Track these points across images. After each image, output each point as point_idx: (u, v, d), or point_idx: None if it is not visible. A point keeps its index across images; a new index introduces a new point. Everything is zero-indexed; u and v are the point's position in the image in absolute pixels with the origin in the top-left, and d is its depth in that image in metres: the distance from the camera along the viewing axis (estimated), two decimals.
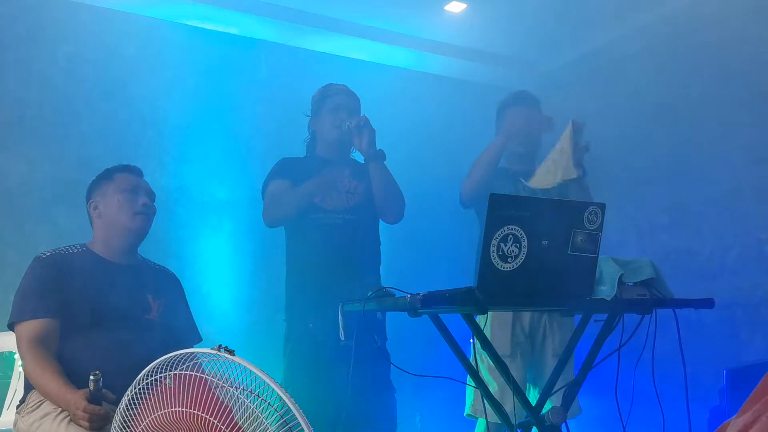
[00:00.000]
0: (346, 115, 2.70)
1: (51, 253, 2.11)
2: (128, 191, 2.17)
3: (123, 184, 2.18)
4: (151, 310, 2.15)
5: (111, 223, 2.17)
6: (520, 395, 1.80)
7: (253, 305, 3.66)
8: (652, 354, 1.78)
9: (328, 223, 2.62)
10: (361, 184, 2.72)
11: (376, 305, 1.74)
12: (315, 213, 2.63)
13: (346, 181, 2.70)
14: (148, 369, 1.56)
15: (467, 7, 3.76)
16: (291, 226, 2.72)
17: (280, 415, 1.38)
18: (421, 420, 4.01)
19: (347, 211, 2.65)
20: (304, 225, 2.64)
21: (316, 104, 2.79)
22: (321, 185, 2.63)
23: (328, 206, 2.64)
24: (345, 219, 2.64)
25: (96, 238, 2.20)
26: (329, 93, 2.77)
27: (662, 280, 1.85)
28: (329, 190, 2.65)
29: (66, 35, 3.42)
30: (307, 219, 2.63)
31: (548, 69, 4.39)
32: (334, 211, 2.64)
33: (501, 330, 2.66)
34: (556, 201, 2.12)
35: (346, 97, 2.77)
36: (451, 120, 4.41)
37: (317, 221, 2.62)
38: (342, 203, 2.66)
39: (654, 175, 3.93)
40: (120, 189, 2.18)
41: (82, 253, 2.16)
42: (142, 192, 2.20)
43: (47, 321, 1.99)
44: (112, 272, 2.14)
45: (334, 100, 2.74)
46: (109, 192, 2.18)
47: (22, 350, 1.99)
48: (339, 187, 2.68)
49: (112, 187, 2.18)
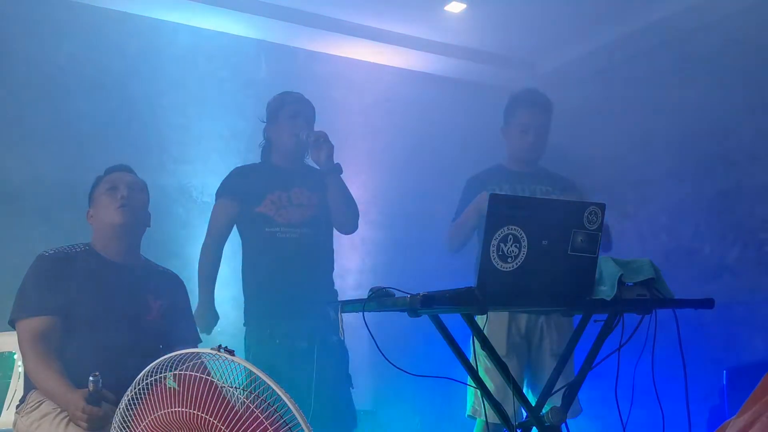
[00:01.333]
0: (303, 123, 2.75)
1: (54, 252, 2.13)
2: (109, 189, 2.21)
3: (106, 184, 2.23)
4: (151, 311, 2.16)
5: (100, 222, 2.20)
6: (519, 395, 1.80)
7: None
8: (652, 354, 1.78)
9: (283, 237, 2.67)
10: (315, 194, 2.75)
11: (376, 305, 1.73)
12: (270, 227, 2.67)
13: (299, 194, 2.73)
14: (148, 369, 1.56)
15: (467, 7, 3.75)
16: (247, 239, 2.77)
17: (280, 415, 1.38)
18: (421, 420, 4.01)
19: (302, 224, 2.69)
20: (259, 238, 2.69)
21: (272, 111, 2.83)
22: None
23: (282, 220, 2.67)
24: (300, 233, 2.68)
25: (95, 241, 2.22)
26: (286, 101, 2.81)
27: (662, 280, 1.84)
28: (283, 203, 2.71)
29: (66, 35, 3.41)
30: (262, 232, 2.67)
31: (548, 69, 4.39)
32: (288, 225, 2.67)
33: (497, 330, 2.65)
34: (556, 201, 2.12)
35: (302, 106, 2.81)
36: (450, 120, 4.41)
37: (272, 235, 2.67)
38: (296, 217, 2.69)
39: (654, 175, 3.93)
40: (104, 189, 2.22)
41: (84, 252, 2.17)
42: (122, 185, 2.21)
43: (48, 318, 2.00)
44: (113, 272, 2.15)
45: (292, 108, 2.78)
46: (96, 195, 2.23)
47: (23, 347, 1.99)
48: (293, 200, 2.71)
49: (99, 190, 2.23)
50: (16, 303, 2.04)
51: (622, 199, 4.00)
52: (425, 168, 4.29)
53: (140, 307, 2.15)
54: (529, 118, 2.87)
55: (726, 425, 1.49)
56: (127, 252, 2.22)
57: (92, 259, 2.16)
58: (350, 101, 3.84)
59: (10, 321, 2.04)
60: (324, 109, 2.99)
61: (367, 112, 4.06)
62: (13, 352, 2.55)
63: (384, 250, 3.94)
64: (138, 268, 2.24)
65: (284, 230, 2.67)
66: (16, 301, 2.04)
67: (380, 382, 3.62)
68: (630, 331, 1.77)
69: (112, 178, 2.25)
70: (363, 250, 3.76)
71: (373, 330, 1.72)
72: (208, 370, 1.50)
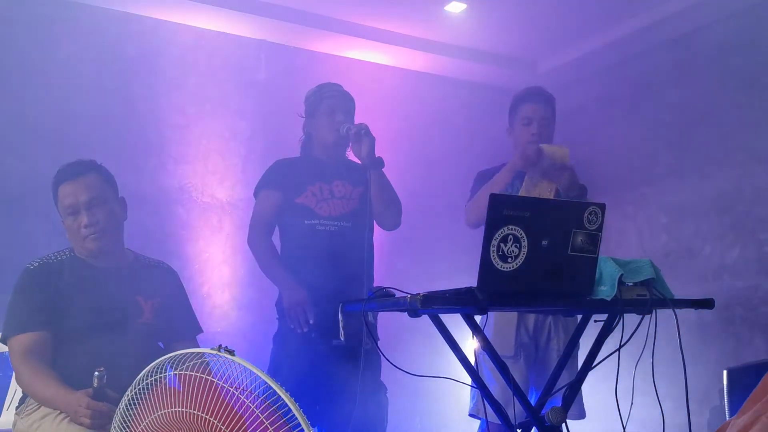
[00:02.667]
0: (342, 117, 2.69)
1: (39, 263, 2.08)
2: (70, 213, 2.07)
3: (65, 205, 2.08)
4: (144, 314, 2.12)
5: (72, 240, 2.12)
6: (520, 395, 1.80)
7: (253, 305, 3.66)
8: (652, 354, 1.78)
9: (323, 230, 2.60)
10: (357, 189, 2.70)
11: (376, 305, 1.73)
12: (310, 219, 2.61)
13: (341, 186, 2.68)
14: (148, 369, 1.56)
15: (467, 7, 3.75)
16: (286, 230, 2.70)
17: (280, 415, 1.38)
18: (420, 420, 4.01)
19: (342, 217, 2.63)
20: (299, 230, 2.62)
21: (311, 106, 2.76)
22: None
23: (323, 212, 2.62)
24: (340, 226, 2.62)
25: (76, 247, 2.15)
26: (325, 95, 2.74)
27: (662, 280, 1.84)
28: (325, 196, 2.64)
29: (66, 35, 3.41)
30: (302, 224, 2.61)
31: (548, 69, 4.40)
32: (329, 218, 2.62)
33: (505, 331, 2.65)
34: (556, 201, 2.12)
35: (341, 99, 2.74)
36: (451, 120, 4.41)
37: (312, 227, 2.60)
38: (338, 210, 2.64)
39: (654, 175, 3.93)
40: (64, 212, 2.09)
41: (69, 260, 2.12)
42: (81, 207, 2.06)
43: (38, 334, 1.99)
44: (100, 278, 2.11)
45: (330, 102, 2.71)
46: (60, 211, 2.10)
47: (15, 363, 1.98)
48: (335, 193, 2.66)
49: (60, 206, 2.10)
50: (5, 319, 2.02)
51: (622, 199, 4.00)
52: (425, 168, 4.30)
53: (130, 310, 2.10)
54: (532, 112, 2.87)
55: (726, 425, 1.49)
56: (111, 255, 2.15)
57: (77, 267, 2.10)
58: None
59: (1, 339, 2.04)
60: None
61: (367, 112, 4.05)
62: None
63: (385, 250, 3.94)
64: (124, 269, 2.17)
65: (324, 223, 2.61)
66: (6, 317, 2.02)
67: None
68: (630, 331, 1.77)
69: (68, 195, 2.07)
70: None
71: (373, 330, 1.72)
72: (209, 369, 1.49)
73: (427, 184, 4.26)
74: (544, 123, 2.88)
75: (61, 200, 2.10)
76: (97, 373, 1.78)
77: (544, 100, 2.90)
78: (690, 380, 1.81)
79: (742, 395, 1.39)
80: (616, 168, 4.14)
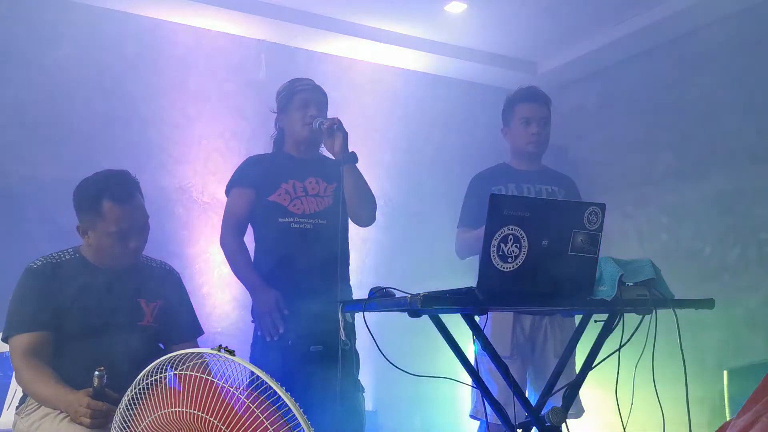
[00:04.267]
0: (315, 111, 2.64)
1: (42, 263, 2.07)
2: (115, 232, 2.04)
3: (107, 222, 2.03)
4: (145, 316, 2.12)
5: (100, 251, 2.10)
6: (520, 395, 1.80)
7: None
8: (652, 354, 1.78)
9: (297, 228, 2.57)
10: (331, 185, 2.66)
11: (376, 305, 1.73)
12: (284, 216, 2.57)
13: (315, 183, 2.64)
14: (148, 369, 1.56)
15: (467, 7, 3.75)
16: (259, 229, 2.66)
17: (280, 415, 1.38)
18: (421, 420, 4.01)
19: (317, 215, 2.60)
20: (272, 228, 2.59)
21: (282, 100, 2.72)
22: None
23: (296, 210, 2.58)
24: (315, 223, 2.59)
25: (86, 250, 2.14)
26: (296, 89, 2.69)
27: (662, 280, 1.84)
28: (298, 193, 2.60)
29: (66, 35, 3.41)
30: (276, 223, 2.57)
31: (548, 69, 4.40)
32: (303, 215, 2.58)
33: (501, 331, 2.65)
34: (556, 201, 2.12)
35: (313, 93, 2.69)
36: (451, 120, 4.41)
37: (286, 225, 2.56)
38: (312, 207, 2.60)
39: (654, 175, 3.93)
40: (103, 228, 2.04)
41: (73, 261, 2.12)
42: (127, 227, 2.04)
43: (39, 334, 1.98)
44: (103, 280, 2.10)
45: (302, 96, 2.67)
46: (99, 226, 2.04)
47: (15, 362, 1.98)
48: (308, 190, 2.62)
49: (102, 223, 2.03)
50: (6, 319, 2.02)
51: (622, 199, 4.00)
52: (426, 168, 4.30)
53: (132, 313, 2.10)
54: (531, 111, 2.88)
55: (726, 425, 1.49)
56: (120, 260, 2.14)
57: (81, 268, 2.10)
58: (350, 101, 3.83)
59: (2, 338, 2.04)
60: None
61: (367, 112, 4.06)
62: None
63: (385, 250, 3.94)
64: (127, 270, 2.16)
65: (299, 220, 2.57)
66: (7, 316, 2.02)
67: (381, 382, 3.62)
68: (630, 331, 1.77)
69: (117, 219, 2.02)
70: (364, 250, 3.75)
71: (373, 330, 1.72)
72: (209, 369, 1.49)
73: (427, 183, 4.26)
74: (543, 124, 2.89)
75: (103, 217, 2.02)
76: (98, 372, 1.78)
77: (542, 100, 2.91)
78: (690, 380, 1.81)
79: (742, 395, 1.39)
80: (616, 168, 4.14)
